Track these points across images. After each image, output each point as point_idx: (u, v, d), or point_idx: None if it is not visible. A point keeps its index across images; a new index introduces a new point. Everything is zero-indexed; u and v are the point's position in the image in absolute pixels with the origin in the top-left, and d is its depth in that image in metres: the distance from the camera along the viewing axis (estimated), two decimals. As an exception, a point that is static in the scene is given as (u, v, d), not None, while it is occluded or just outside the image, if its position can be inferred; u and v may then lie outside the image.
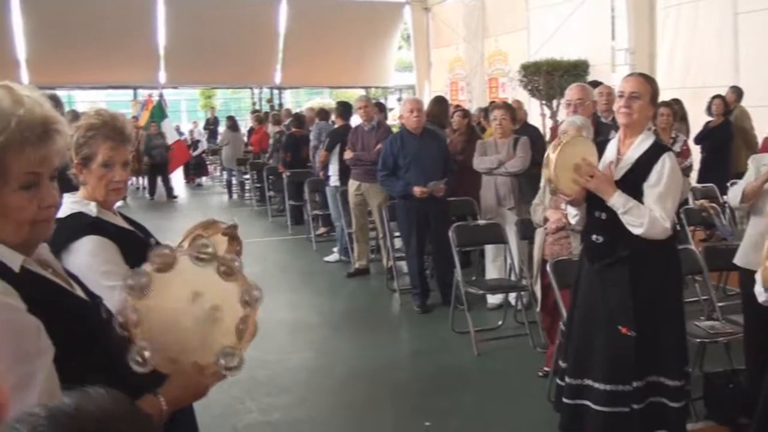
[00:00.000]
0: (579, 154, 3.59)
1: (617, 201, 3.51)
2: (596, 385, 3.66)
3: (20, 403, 1.41)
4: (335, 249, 9.38)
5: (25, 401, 1.42)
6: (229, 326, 1.66)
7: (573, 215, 3.93)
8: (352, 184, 8.19)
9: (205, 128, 21.90)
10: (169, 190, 16.08)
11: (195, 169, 18.29)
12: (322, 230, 10.65)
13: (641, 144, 3.61)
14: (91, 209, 2.40)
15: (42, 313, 1.50)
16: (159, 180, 16.17)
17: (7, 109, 1.48)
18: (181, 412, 2.07)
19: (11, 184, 1.49)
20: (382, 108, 10.48)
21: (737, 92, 9.74)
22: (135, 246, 2.43)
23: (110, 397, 0.91)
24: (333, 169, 9.11)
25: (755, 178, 4.22)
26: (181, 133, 17.93)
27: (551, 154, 3.62)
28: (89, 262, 2.26)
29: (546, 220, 4.97)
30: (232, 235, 2.68)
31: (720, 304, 5.04)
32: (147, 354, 1.60)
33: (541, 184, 5.18)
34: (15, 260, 1.54)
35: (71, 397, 0.89)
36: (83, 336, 1.60)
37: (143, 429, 0.93)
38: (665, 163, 3.52)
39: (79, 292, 1.74)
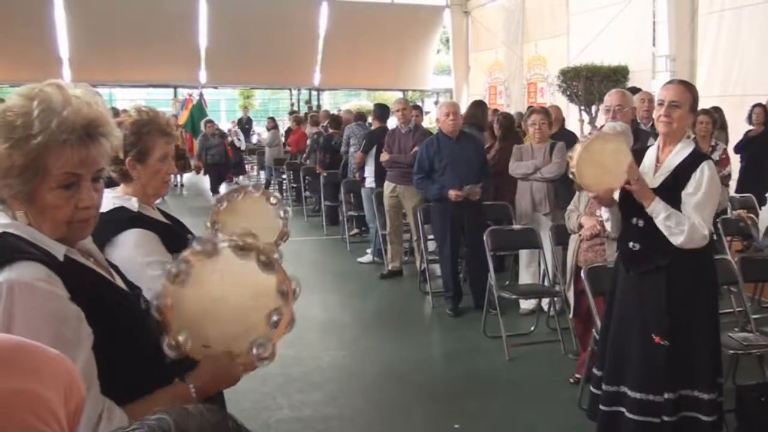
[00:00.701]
0: (610, 151, 3.56)
1: (657, 207, 3.49)
2: (630, 392, 3.65)
3: None
4: (369, 250, 9.42)
5: None
6: (265, 317, 1.69)
7: (606, 219, 3.92)
8: (388, 186, 8.22)
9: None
10: (216, 188, 15.40)
11: (234, 168, 18.43)
12: (355, 231, 10.70)
13: (680, 152, 3.59)
14: (133, 204, 2.46)
15: (83, 301, 1.54)
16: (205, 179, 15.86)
17: (52, 109, 1.51)
18: (216, 401, 2.12)
19: (49, 183, 1.53)
20: (419, 110, 10.47)
21: (777, 102, 9.59)
22: (174, 240, 2.48)
23: (210, 415, 0.89)
24: (369, 171, 9.14)
25: None
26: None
27: (578, 146, 3.61)
28: (134, 253, 2.32)
29: (581, 226, 4.95)
30: (266, 195, 2.75)
31: (755, 316, 4.97)
32: (181, 339, 1.63)
33: (576, 189, 5.16)
34: (59, 249, 1.59)
35: (170, 414, 0.86)
36: (122, 325, 1.64)
37: None
38: (704, 172, 3.50)
39: (120, 283, 1.79)
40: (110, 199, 2.46)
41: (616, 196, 3.74)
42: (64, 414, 1.01)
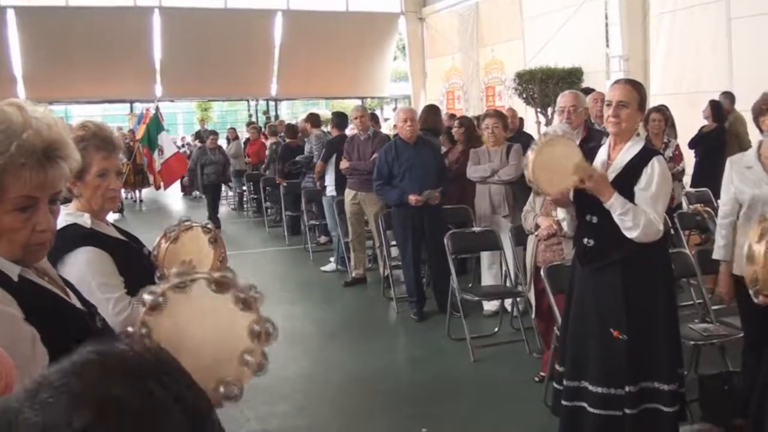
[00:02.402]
0: (559, 154, 3.60)
1: (616, 202, 3.54)
2: (591, 387, 3.69)
3: None
4: (332, 258, 9.40)
5: None
6: (235, 356, 1.66)
7: (562, 219, 3.97)
8: (349, 194, 8.22)
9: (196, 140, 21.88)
10: (214, 211, 13.38)
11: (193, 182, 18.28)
12: (324, 239, 10.67)
13: (630, 149, 3.65)
14: (86, 221, 2.43)
15: (38, 321, 1.52)
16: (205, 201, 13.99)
17: (12, 131, 1.48)
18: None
19: (6, 206, 1.50)
20: (375, 119, 10.54)
21: (730, 98, 9.79)
22: (129, 256, 2.46)
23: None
24: (329, 179, 9.13)
25: (731, 181, 4.19)
26: (177, 146, 17.93)
27: (530, 154, 3.65)
28: (84, 273, 2.29)
29: (537, 226, 5.00)
30: (213, 236, 2.73)
31: (714, 307, 5.06)
32: None
33: (532, 190, 5.21)
34: (13, 269, 1.56)
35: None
36: (77, 344, 1.62)
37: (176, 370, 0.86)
38: (655, 167, 3.56)
39: (75, 301, 1.76)
40: (63, 216, 2.42)
41: (571, 195, 3.80)
42: None
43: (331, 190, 9.10)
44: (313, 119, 10.72)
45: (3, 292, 1.49)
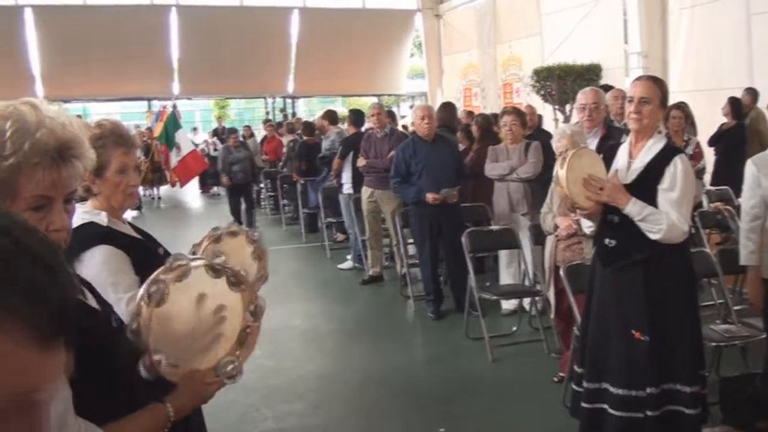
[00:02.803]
0: (585, 165, 3.58)
1: (633, 209, 3.50)
2: (612, 389, 3.65)
3: None
4: (349, 256, 9.39)
5: None
6: (233, 335, 1.67)
7: (588, 225, 3.93)
8: (365, 191, 8.20)
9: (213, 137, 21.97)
10: (251, 215, 12.74)
11: (212, 178, 18.34)
12: (341, 237, 10.66)
13: (652, 147, 3.60)
14: (102, 219, 2.42)
15: None
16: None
17: (25, 129, 1.48)
18: (194, 419, 2.09)
19: (20, 205, 1.49)
20: (393, 117, 10.51)
21: (752, 94, 9.67)
22: (145, 255, 2.45)
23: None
24: (346, 177, 9.11)
25: (758, 182, 4.11)
26: (195, 144, 18.00)
27: (560, 171, 3.61)
28: (99, 271, 2.27)
29: (556, 227, 4.95)
30: (258, 251, 2.69)
31: (736, 307, 5.00)
32: (161, 361, 1.61)
33: (549, 190, 5.16)
34: None
35: None
36: (92, 345, 1.61)
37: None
38: (677, 166, 3.51)
39: (91, 301, 1.75)
40: (80, 214, 2.42)
41: None
42: None
43: (347, 187, 9.08)
44: (331, 116, 10.70)
45: None
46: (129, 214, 2.67)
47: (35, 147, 1.47)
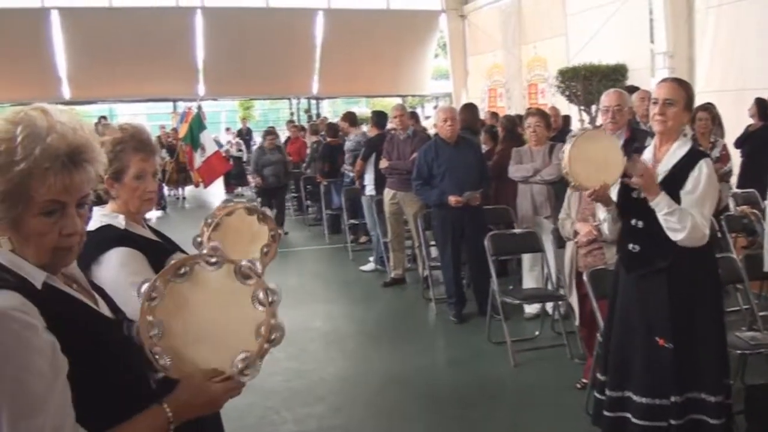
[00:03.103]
0: (599, 148, 3.53)
1: (663, 201, 3.44)
2: (635, 397, 3.59)
3: (34, 418, 1.43)
4: (371, 258, 9.37)
5: (39, 416, 1.43)
6: (249, 330, 1.65)
7: (603, 219, 3.85)
8: (388, 193, 8.17)
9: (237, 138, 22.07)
10: (280, 219, 11.72)
11: (235, 179, 18.43)
12: (364, 239, 10.66)
13: (677, 151, 3.54)
14: (120, 222, 2.45)
15: (60, 329, 1.51)
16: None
17: (36, 134, 1.49)
18: (210, 422, 2.07)
19: (33, 210, 1.50)
20: (416, 118, 10.47)
21: (780, 94, 9.51)
22: (163, 256, 2.46)
23: None
24: (368, 178, 9.10)
25: None
26: (220, 144, 18.09)
27: (567, 146, 3.57)
28: (118, 272, 2.30)
29: (576, 233, 4.88)
30: (256, 211, 2.71)
31: (762, 313, 4.90)
32: (164, 361, 1.60)
33: (566, 196, 5.10)
34: (38, 276, 1.56)
35: None
36: (100, 354, 1.60)
37: None
38: (702, 170, 3.45)
39: (103, 309, 1.75)
40: (98, 217, 2.46)
41: (614, 196, 3.70)
42: None
43: (370, 189, 9.07)
44: (351, 118, 10.69)
45: (23, 300, 1.48)
46: (154, 214, 2.68)
47: (46, 152, 1.48)
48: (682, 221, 3.41)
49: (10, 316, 1.43)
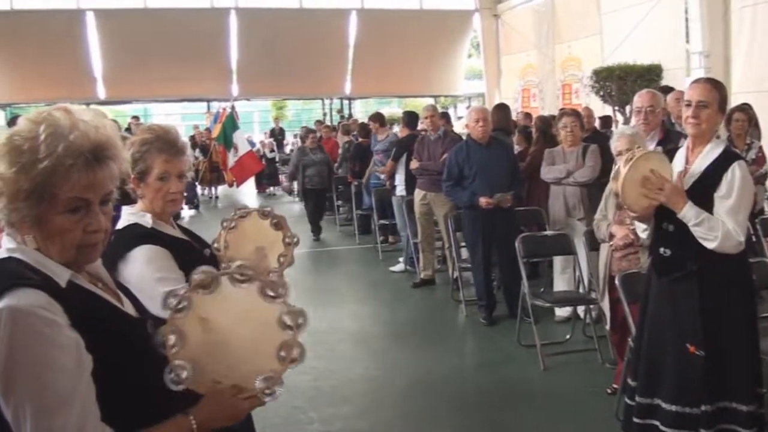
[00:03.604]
0: (651, 167, 3.45)
1: (689, 213, 3.37)
2: (664, 405, 3.52)
3: (57, 415, 1.43)
4: (401, 259, 9.35)
5: (62, 413, 1.44)
6: (271, 349, 1.64)
7: (643, 229, 3.80)
8: (418, 194, 8.14)
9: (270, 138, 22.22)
10: (315, 221, 11.85)
11: (267, 179, 18.55)
12: (393, 239, 10.64)
13: (710, 153, 3.47)
14: (147, 220, 2.49)
15: (84, 328, 1.53)
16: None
17: (59, 133, 1.52)
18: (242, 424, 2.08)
19: (57, 207, 1.53)
20: (447, 118, 10.41)
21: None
22: (188, 254, 2.50)
23: None
24: (399, 179, 9.08)
25: None
26: (252, 144, 18.22)
27: (622, 167, 3.50)
28: (145, 270, 2.34)
29: (611, 236, 4.80)
30: (270, 217, 2.72)
31: (798, 320, 4.79)
32: (184, 374, 1.60)
33: (603, 196, 5.02)
34: (63, 275, 1.58)
35: None
36: (124, 353, 1.61)
37: None
38: (735, 173, 3.37)
39: (128, 308, 1.77)
40: (126, 216, 2.52)
41: None
42: None
43: (400, 189, 9.05)
44: (380, 119, 10.68)
45: (49, 299, 1.50)
46: (187, 213, 2.71)
47: (69, 149, 1.51)
48: (713, 230, 3.34)
49: (34, 314, 1.46)
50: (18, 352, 1.43)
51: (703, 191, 3.40)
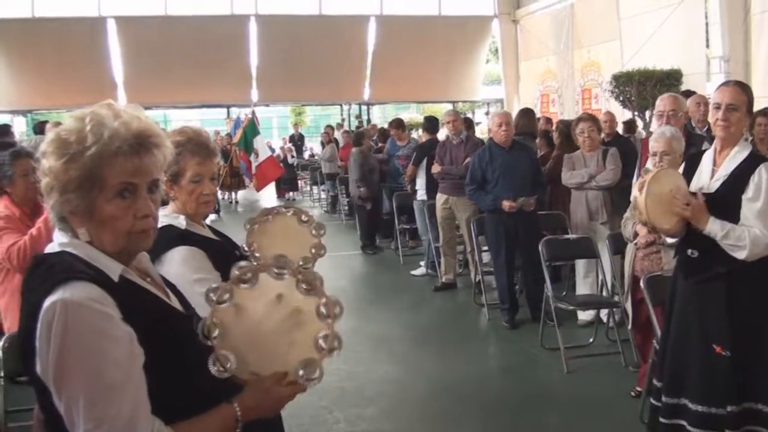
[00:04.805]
0: (666, 185, 3.48)
1: (713, 227, 3.40)
2: (691, 405, 3.53)
3: (109, 406, 1.47)
4: (422, 263, 9.37)
5: (114, 405, 1.48)
6: (309, 339, 1.68)
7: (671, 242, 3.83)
8: (440, 198, 8.17)
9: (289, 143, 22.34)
10: (371, 235, 11.14)
11: (286, 184, 18.64)
12: (412, 243, 10.67)
13: (737, 155, 3.48)
14: (181, 222, 2.50)
15: (136, 321, 1.56)
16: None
17: (103, 122, 1.58)
18: (272, 420, 2.11)
19: (107, 194, 1.59)
20: (470, 123, 10.43)
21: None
22: (222, 255, 2.52)
23: None
24: (420, 183, 9.12)
25: None
26: (272, 150, 18.32)
27: (638, 195, 3.52)
28: (182, 270, 2.35)
29: (636, 234, 4.83)
30: (298, 213, 2.75)
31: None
32: (228, 364, 1.63)
33: (633, 196, 5.04)
34: (115, 269, 1.62)
35: None
36: (174, 346, 1.65)
37: None
38: (762, 175, 3.38)
39: (175, 303, 1.81)
40: (160, 218, 2.51)
41: None
42: None
43: (421, 194, 9.09)
44: (401, 125, 10.73)
45: (102, 292, 1.53)
46: (208, 217, 2.76)
47: (115, 135, 1.58)
48: (740, 240, 3.36)
49: (88, 307, 1.49)
50: (72, 345, 1.46)
51: (730, 193, 3.42)
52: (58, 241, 1.65)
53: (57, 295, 1.50)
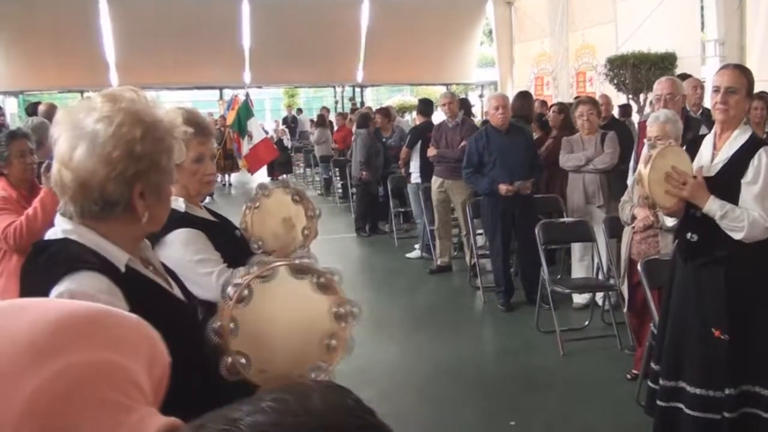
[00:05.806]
0: (670, 163, 3.47)
1: (713, 206, 3.40)
2: (689, 388, 3.55)
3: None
4: (417, 246, 9.38)
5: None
6: (321, 340, 1.66)
7: (670, 219, 3.82)
8: (435, 181, 8.17)
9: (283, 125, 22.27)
10: (367, 217, 11.01)
11: (281, 167, 18.58)
12: (405, 226, 10.68)
13: (737, 139, 3.49)
14: (180, 205, 2.50)
15: (143, 311, 1.54)
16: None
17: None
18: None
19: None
20: (467, 106, 10.41)
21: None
22: (221, 236, 2.54)
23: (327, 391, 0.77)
24: (414, 166, 9.10)
25: None
26: (266, 132, 18.25)
27: (642, 170, 3.52)
28: (183, 252, 2.36)
29: (634, 218, 4.84)
30: (295, 193, 2.77)
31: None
32: (242, 363, 1.61)
33: (629, 181, 5.05)
34: (122, 259, 1.59)
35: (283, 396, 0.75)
36: (179, 337, 1.63)
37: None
38: (762, 159, 3.39)
39: (177, 291, 1.79)
40: None
41: None
42: (149, 383, 0.99)
43: (416, 177, 9.07)
44: (388, 113, 10.74)
45: (109, 283, 1.52)
46: (204, 201, 2.79)
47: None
48: (738, 221, 3.37)
49: (96, 299, 1.46)
50: None
51: (730, 177, 3.43)
52: (61, 228, 1.60)
53: (63, 286, 1.48)
